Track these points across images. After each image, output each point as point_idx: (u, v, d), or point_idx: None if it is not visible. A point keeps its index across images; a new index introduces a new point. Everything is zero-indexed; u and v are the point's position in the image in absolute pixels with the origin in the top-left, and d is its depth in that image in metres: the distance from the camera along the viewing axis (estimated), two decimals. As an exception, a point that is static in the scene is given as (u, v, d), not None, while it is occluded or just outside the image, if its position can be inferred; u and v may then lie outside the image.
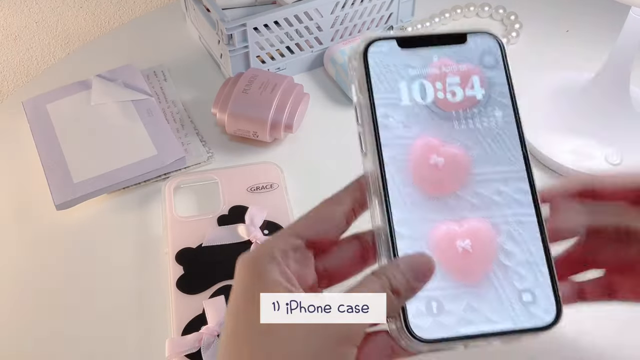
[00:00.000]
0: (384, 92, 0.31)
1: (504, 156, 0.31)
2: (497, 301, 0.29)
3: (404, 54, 0.32)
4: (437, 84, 0.32)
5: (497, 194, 0.31)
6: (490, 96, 0.32)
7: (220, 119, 0.59)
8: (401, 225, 0.30)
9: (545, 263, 0.30)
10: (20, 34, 0.76)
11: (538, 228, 0.31)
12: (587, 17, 0.73)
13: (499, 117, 0.32)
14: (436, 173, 0.31)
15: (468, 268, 0.30)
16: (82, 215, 0.54)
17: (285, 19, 0.63)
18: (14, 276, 0.50)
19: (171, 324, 0.45)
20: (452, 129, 0.32)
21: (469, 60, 0.32)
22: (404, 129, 0.31)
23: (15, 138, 0.61)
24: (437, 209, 0.30)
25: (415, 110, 0.31)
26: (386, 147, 0.31)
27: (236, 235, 0.49)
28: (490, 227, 0.30)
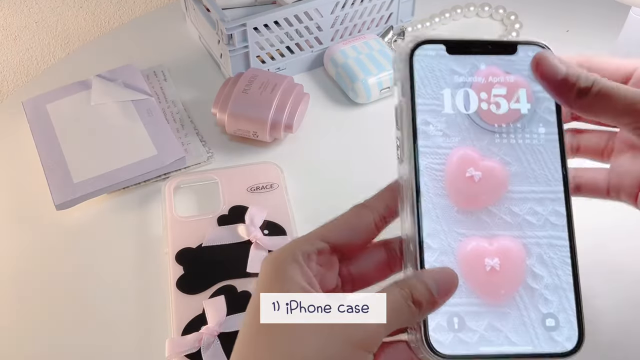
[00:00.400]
0: (426, 98, 0.30)
1: (542, 175, 0.30)
2: (520, 323, 0.29)
3: (451, 59, 0.31)
4: (482, 94, 0.31)
5: (531, 214, 0.30)
6: (535, 111, 0.31)
7: (220, 119, 0.59)
8: (430, 237, 0.29)
9: (572, 289, 0.30)
10: (20, 34, 0.76)
11: (569, 253, 0.30)
12: (587, 17, 0.73)
13: (542, 134, 0.31)
14: (472, 186, 0.30)
15: (494, 287, 0.29)
16: (82, 215, 0.54)
17: (285, 19, 0.63)
18: (14, 276, 0.50)
19: (171, 324, 0.45)
20: (492, 142, 0.31)
21: (518, 71, 0.31)
22: (443, 138, 0.30)
23: (15, 138, 0.61)
24: (469, 223, 0.30)
25: (457, 120, 0.30)
26: (423, 155, 0.30)
27: (236, 235, 0.49)
28: (521, 247, 0.30)
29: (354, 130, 0.61)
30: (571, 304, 0.29)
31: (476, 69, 0.31)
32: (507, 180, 0.30)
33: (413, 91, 0.30)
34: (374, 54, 0.64)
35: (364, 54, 0.64)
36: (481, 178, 0.30)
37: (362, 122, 0.62)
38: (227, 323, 0.44)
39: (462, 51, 0.31)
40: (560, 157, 0.31)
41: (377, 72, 0.62)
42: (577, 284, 0.30)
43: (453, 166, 0.30)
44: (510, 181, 0.30)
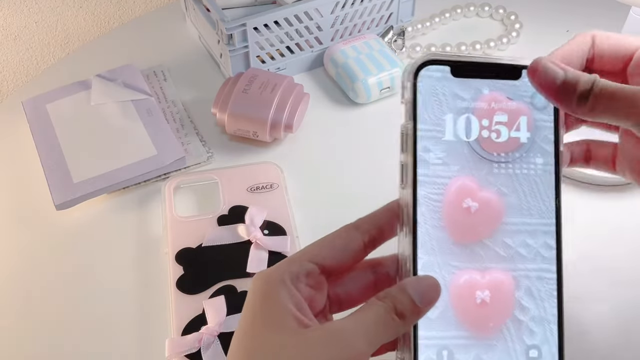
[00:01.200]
0: (428, 123, 0.30)
1: (536, 207, 0.30)
2: (506, 355, 0.29)
3: (456, 82, 0.30)
4: (484, 120, 0.30)
5: (523, 246, 0.30)
6: (534, 140, 0.30)
7: (220, 119, 0.59)
8: (424, 269, 0.29)
9: (556, 321, 0.30)
10: (19, 34, 0.76)
11: (556, 285, 0.30)
12: (587, 17, 0.73)
13: (540, 164, 0.30)
14: (468, 218, 0.30)
15: (483, 320, 0.29)
16: (82, 215, 0.54)
17: (285, 18, 0.63)
18: (14, 276, 0.50)
19: (171, 324, 0.45)
20: (490, 171, 0.30)
21: (520, 97, 0.31)
22: (443, 167, 0.30)
23: (15, 138, 0.61)
24: (463, 256, 0.30)
25: (457, 147, 0.30)
26: (422, 185, 0.29)
27: (236, 235, 0.49)
28: (512, 280, 0.30)
29: (354, 130, 0.61)
30: (554, 335, 0.30)
31: (479, 93, 0.30)
32: (503, 212, 0.30)
33: (416, 115, 0.30)
34: (374, 54, 0.64)
35: (364, 54, 0.64)
36: (477, 209, 0.30)
37: (362, 122, 0.62)
38: (227, 323, 0.44)
39: (467, 74, 0.30)
40: (555, 188, 0.31)
41: (377, 72, 0.62)
42: (561, 316, 0.30)
43: (451, 197, 0.30)
44: (506, 213, 0.30)
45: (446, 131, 0.30)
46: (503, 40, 0.69)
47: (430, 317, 0.29)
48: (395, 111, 0.67)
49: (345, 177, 0.57)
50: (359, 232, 0.30)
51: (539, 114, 0.31)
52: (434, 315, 0.29)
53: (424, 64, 0.30)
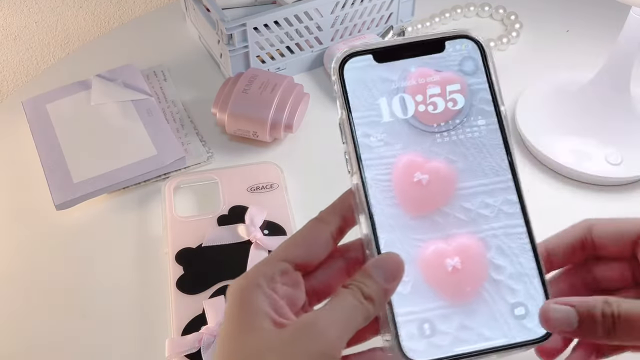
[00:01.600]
0: (363, 110, 0.31)
1: (489, 167, 0.30)
2: (490, 317, 0.29)
3: (381, 67, 0.31)
4: (418, 96, 0.31)
5: (484, 207, 0.30)
6: (472, 104, 0.31)
7: (220, 119, 0.59)
8: (388, 247, 0.29)
9: (537, 274, 0.30)
10: (20, 34, 0.76)
11: (528, 239, 0.30)
12: (587, 17, 0.73)
13: (483, 125, 0.31)
14: (421, 190, 0.30)
15: (459, 286, 0.29)
16: (82, 215, 0.54)
17: (285, 18, 0.63)
18: (14, 276, 0.50)
19: (171, 324, 0.45)
20: (434, 142, 0.30)
21: (449, 67, 0.31)
22: (386, 147, 0.30)
23: (15, 138, 0.61)
24: (424, 227, 0.30)
25: (397, 127, 0.30)
26: (368, 168, 0.30)
27: (236, 235, 0.49)
28: (479, 242, 0.30)
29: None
30: (537, 289, 0.30)
31: (407, 72, 0.31)
32: (455, 178, 0.30)
33: (349, 105, 0.30)
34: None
35: (364, 54, 0.64)
36: (429, 180, 0.30)
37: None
38: (227, 323, 0.44)
39: (390, 58, 0.31)
40: (503, 145, 0.31)
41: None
42: (540, 269, 0.30)
43: (399, 174, 0.30)
44: (459, 178, 0.30)
45: (383, 114, 0.31)
46: (503, 40, 0.69)
47: (403, 293, 0.29)
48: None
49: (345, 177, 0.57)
50: (324, 224, 0.31)
51: (471, 79, 0.31)
52: (407, 291, 0.29)
53: (346, 58, 0.31)
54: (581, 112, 0.57)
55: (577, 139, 0.56)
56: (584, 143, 0.56)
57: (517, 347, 0.29)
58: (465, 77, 0.31)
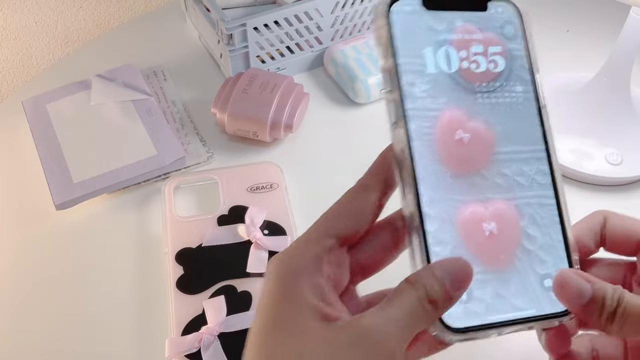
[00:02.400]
0: (409, 57, 0.29)
1: (524, 135, 0.30)
2: (521, 287, 0.28)
3: (428, 14, 0.30)
4: (462, 52, 0.30)
5: (520, 175, 0.30)
6: (511, 69, 0.30)
7: (220, 118, 0.59)
8: (429, 206, 0.28)
9: (564, 247, 0.29)
10: (20, 33, 0.76)
11: (557, 211, 0.30)
12: (587, 17, 0.73)
13: (520, 92, 0.30)
14: (462, 149, 0.29)
15: (494, 252, 0.28)
16: (82, 215, 0.54)
17: (285, 18, 0.63)
18: (14, 276, 0.50)
19: (171, 324, 0.45)
20: (475, 102, 0.30)
21: (491, 28, 0.31)
22: (430, 100, 0.29)
23: (15, 138, 0.61)
24: (463, 188, 0.29)
25: (440, 79, 0.29)
26: (412, 120, 0.28)
27: (236, 235, 0.49)
28: (514, 209, 0.29)
29: (354, 130, 0.61)
30: (564, 262, 0.29)
31: (453, 25, 0.30)
32: (494, 141, 0.30)
33: (395, 50, 0.29)
34: (374, 54, 0.64)
35: (364, 54, 0.64)
36: (470, 140, 0.29)
37: (362, 122, 0.62)
38: (227, 323, 0.44)
39: (437, 6, 0.30)
40: (538, 115, 0.30)
41: (377, 72, 0.62)
42: (566, 243, 0.29)
43: (442, 129, 0.29)
44: (497, 142, 0.30)
45: (427, 64, 0.29)
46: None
47: (443, 255, 0.28)
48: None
49: (345, 177, 0.57)
50: (368, 191, 0.29)
51: (511, 44, 0.31)
52: (447, 253, 0.28)
53: None
54: (581, 112, 0.57)
55: (577, 139, 0.56)
56: (584, 143, 0.56)
57: (546, 319, 0.28)
58: (506, 41, 0.31)
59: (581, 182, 0.55)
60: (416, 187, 0.28)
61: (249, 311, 0.45)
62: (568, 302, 0.28)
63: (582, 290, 0.28)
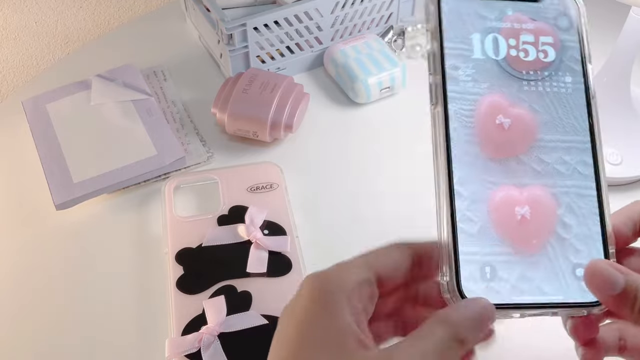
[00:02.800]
0: (455, 42, 0.30)
1: (570, 125, 0.30)
2: (551, 273, 0.29)
3: (479, 3, 0.31)
4: (511, 40, 0.31)
5: (560, 163, 0.30)
6: (562, 60, 0.31)
7: (220, 118, 0.59)
8: (461, 184, 0.29)
9: (601, 240, 0.29)
10: (20, 33, 0.76)
11: (597, 204, 0.30)
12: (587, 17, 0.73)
13: (569, 83, 0.31)
14: (501, 134, 0.29)
15: (525, 236, 0.29)
16: (82, 215, 0.54)
17: (285, 18, 0.63)
18: (14, 276, 0.50)
19: (171, 324, 0.45)
20: (521, 89, 0.30)
21: (544, 19, 0.31)
22: (473, 84, 0.30)
23: (15, 138, 0.61)
24: (499, 171, 0.29)
25: (486, 65, 0.30)
26: (452, 101, 0.29)
27: (236, 235, 0.49)
28: (551, 196, 0.29)
29: (354, 130, 0.61)
30: (600, 254, 0.29)
31: (504, 14, 0.31)
32: (536, 129, 0.30)
33: (442, 35, 0.30)
34: (374, 54, 0.64)
35: (364, 54, 0.64)
36: (511, 125, 0.30)
37: (362, 122, 0.62)
38: (227, 323, 0.44)
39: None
40: (587, 106, 0.31)
41: (377, 72, 0.62)
42: (605, 235, 0.29)
43: (483, 113, 0.30)
44: (539, 129, 0.30)
45: (474, 50, 0.30)
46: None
47: (470, 232, 0.28)
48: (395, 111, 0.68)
49: (345, 177, 0.57)
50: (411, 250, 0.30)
51: (563, 35, 0.31)
52: (474, 231, 0.28)
53: None
54: (581, 112, 0.57)
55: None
56: (584, 143, 0.56)
57: (572, 307, 0.29)
58: (559, 32, 0.31)
59: (581, 182, 0.55)
60: (449, 166, 0.29)
61: (249, 311, 0.45)
62: (599, 291, 0.28)
63: (614, 281, 0.27)
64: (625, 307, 0.27)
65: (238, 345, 0.43)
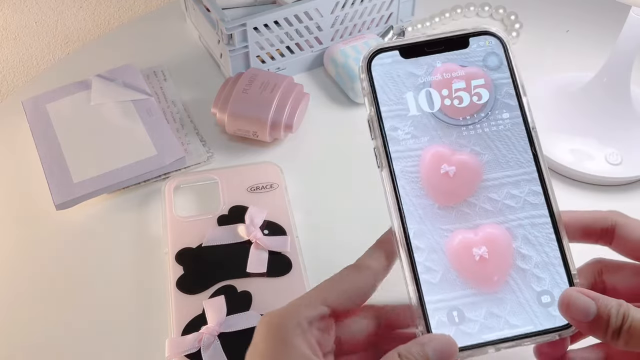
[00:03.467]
0: (390, 104, 0.32)
1: (514, 159, 0.31)
2: (517, 305, 0.30)
3: (408, 62, 0.32)
4: (443, 90, 0.32)
5: (509, 198, 0.31)
6: (496, 98, 0.32)
7: (220, 118, 0.59)
8: (417, 238, 0.30)
9: (561, 263, 0.30)
10: (20, 33, 0.76)
11: (552, 229, 0.31)
12: (587, 17, 0.73)
13: (507, 118, 0.32)
14: (448, 182, 0.31)
15: (486, 275, 0.30)
16: (82, 215, 0.54)
17: (285, 18, 0.63)
18: (14, 276, 0.50)
19: (171, 324, 0.45)
20: (460, 135, 0.31)
21: (473, 63, 0.32)
22: (413, 140, 0.31)
23: (15, 138, 0.61)
24: (452, 217, 0.30)
25: (423, 120, 0.31)
26: (396, 161, 0.31)
27: (236, 235, 0.49)
28: (506, 232, 0.30)
29: (354, 130, 0.61)
30: (562, 277, 0.30)
31: (433, 67, 0.32)
32: (481, 170, 0.31)
33: (376, 100, 0.31)
34: (374, 54, 0.64)
35: (364, 54, 0.64)
36: (456, 172, 0.31)
37: (362, 122, 0.62)
38: (227, 323, 0.44)
39: (416, 53, 0.32)
40: (527, 138, 0.32)
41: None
42: (564, 257, 0.30)
43: (427, 166, 0.31)
44: (484, 170, 0.31)
45: (410, 107, 0.32)
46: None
47: (433, 282, 0.29)
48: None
49: (345, 177, 0.57)
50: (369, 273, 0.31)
51: (495, 74, 0.32)
52: (436, 280, 0.30)
53: (373, 54, 0.32)
54: (581, 112, 0.57)
55: (577, 139, 0.56)
56: (584, 143, 0.56)
57: (544, 335, 0.29)
58: (489, 72, 0.32)
59: (581, 182, 0.55)
60: (403, 223, 0.30)
61: (249, 311, 0.45)
62: (574, 321, 0.29)
63: (587, 309, 0.28)
64: (599, 331, 0.28)
65: (238, 345, 0.43)
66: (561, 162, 0.55)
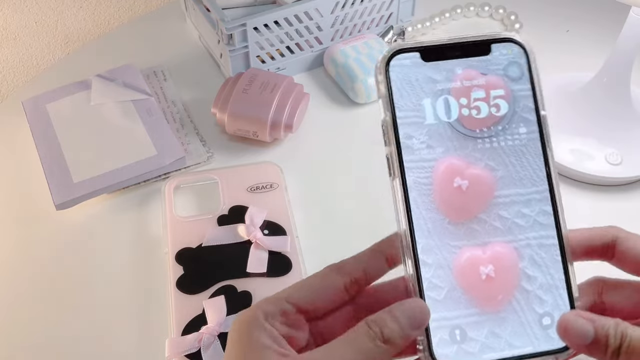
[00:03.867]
0: (407, 110, 0.30)
1: (527, 176, 0.30)
2: (519, 326, 0.29)
3: (427, 66, 0.30)
4: (462, 99, 0.30)
5: (519, 217, 0.30)
6: (515, 111, 0.31)
7: (220, 118, 0.59)
8: (425, 253, 0.29)
9: (564, 286, 0.30)
10: (20, 33, 0.76)
11: (559, 251, 0.30)
12: (587, 17, 0.73)
13: (524, 133, 0.30)
14: (460, 196, 0.30)
15: (491, 294, 0.29)
16: (82, 215, 0.54)
17: (285, 18, 0.63)
18: (14, 276, 0.50)
19: (171, 324, 0.45)
20: (475, 148, 0.30)
21: (494, 71, 0.31)
22: (427, 150, 0.30)
23: (15, 138, 0.61)
24: (461, 234, 0.30)
25: (439, 129, 0.30)
26: (409, 171, 0.30)
27: (236, 235, 0.49)
28: (513, 251, 0.30)
29: (354, 130, 0.61)
30: (564, 300, 0.30)
31: (453, 73, 0.30)
32: (494, 186, 0.30)
33: (393, 105, 0.30)
34: (374, 54, 0.64)
35: (364, 54, 0.64)
36: (468, 187, 0.30)
37: (362, 122, 0.62)
38: (227, 323, 0.44)
39: (437, 57, 0.31)
40: (542, 155, 0.31)
41: (377, 72, 0.62)
42: (568, 281, 0.30)
43: (440, 178, 0.30)
44: (497, 186, 0.30)
45: (426, 115, 0.30)
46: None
47: (437, 299, 0.29)
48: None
49: (345, 177, 0.57)
50: (340, 275, 0.30)
51: (515, 85, 0.31)
52: (441, 297, 0.29)
53: (393, 54, 0.30)
54: (581, 112, 0.57)
55: (577, 139, 0.56)
56: (584, 143, 0.56)
57: (542, 356, 0.29)
58: (510, 83, 0.31)
59: (581, 182, 0.55)
60: (412, 236, 0.29)
61: (249, 311, 0.45)
62: (573, 344, 0.29)
63: (585, 332, 0.28)
64: (598, 352, 0.28)
65: (238, 345, 0.43)
66: (561, 162, 0.55)
